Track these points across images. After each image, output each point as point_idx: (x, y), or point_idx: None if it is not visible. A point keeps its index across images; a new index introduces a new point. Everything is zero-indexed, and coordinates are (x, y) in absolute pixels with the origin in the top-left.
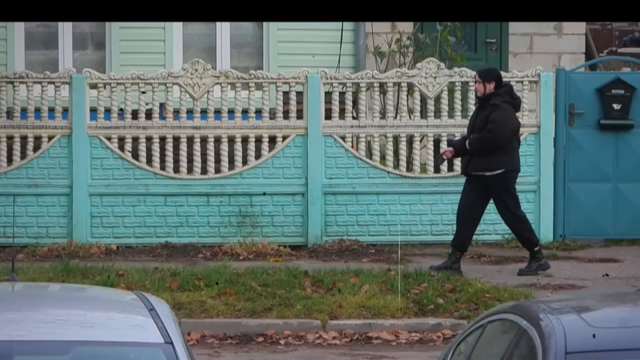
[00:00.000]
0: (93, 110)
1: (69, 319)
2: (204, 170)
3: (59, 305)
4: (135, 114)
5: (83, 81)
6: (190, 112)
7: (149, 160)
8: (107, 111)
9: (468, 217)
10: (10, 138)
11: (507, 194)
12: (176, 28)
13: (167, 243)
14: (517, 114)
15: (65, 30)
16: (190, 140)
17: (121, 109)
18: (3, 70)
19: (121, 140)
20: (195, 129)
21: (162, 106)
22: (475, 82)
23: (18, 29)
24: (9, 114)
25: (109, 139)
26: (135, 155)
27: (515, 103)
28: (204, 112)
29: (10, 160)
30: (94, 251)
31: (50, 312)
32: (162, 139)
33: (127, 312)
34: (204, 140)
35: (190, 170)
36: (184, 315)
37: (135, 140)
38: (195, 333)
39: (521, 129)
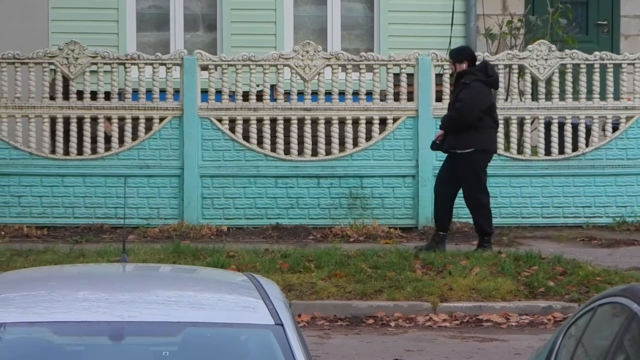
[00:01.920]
0: (204, 92)
1: (179, 300)
2: (315, 152)
3: (170, 286)
4: (246, 96)
5: (194, 63)
6: (300, 94)
7: (260, 142)
8: (218, 93)
9: (444, 194)
10: (121, 119)
11: (473, 175)
12: (287, 9)
13: (277, 224)
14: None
15: (177, 11)
16: (301, 121)
17: (232, 91)
18: (115, 51)
19: (232, 121)
20: (306, 111)
21: (272, 88)
22: (449, 62)
23: (129, 11)
24: (121, 95)
25: (220, 120)
26: (246, 137)
27: (490, 81)
28: (314, 93)
29: (121, 141)
30: (204, 232)
31: (160, 293)
32: (273, 121)
33: (238, 293)
34: (314, 122)
35: (300, 152)
36: (294, 296)
37: (246, 121)
38: (305, 315)
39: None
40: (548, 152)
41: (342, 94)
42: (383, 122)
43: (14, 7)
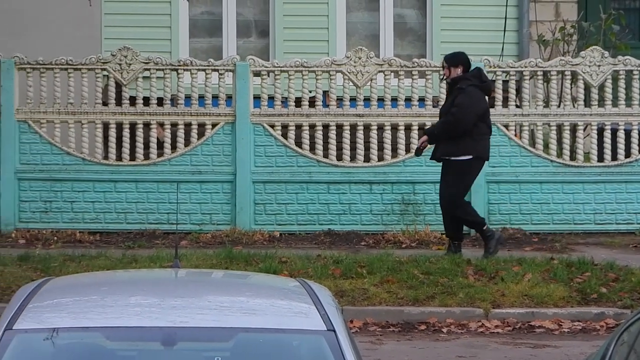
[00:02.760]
0: (256, 98)
1: (231, 306)
2: (367, 158)
3: (222, 291)
4: (298, 102)
5: (247, 69)
6: (353, 100)
7: (312, 148)
8: (271, 99)
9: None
10: (174, 125)
11: (462, 183)
12: (339, 16)
13: (329, 230)
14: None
15: (230, 17)
16: (353, 128)
17: (284, 97)
18: (167, 57)
19: (284, 127)
20: (358, 117)
21: (325, 94)
22: (442, 67)
23: (182, 17)
24: (173, 101)
25: (272, 126)
26: (299, 143)
27: (484, 86)
28: (366, 99)
29: (174, 147)
30: (257, 238)
31: (213, 299)
32: (325, 127)
33: (290, 299)
34: (366, 128)
35: (353, 158)
36: (346, 302)
37: (299, 127)
38: (357, 320)
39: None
40: (601, 158)
41: (394, 100)
42: None
43: (67, 13)
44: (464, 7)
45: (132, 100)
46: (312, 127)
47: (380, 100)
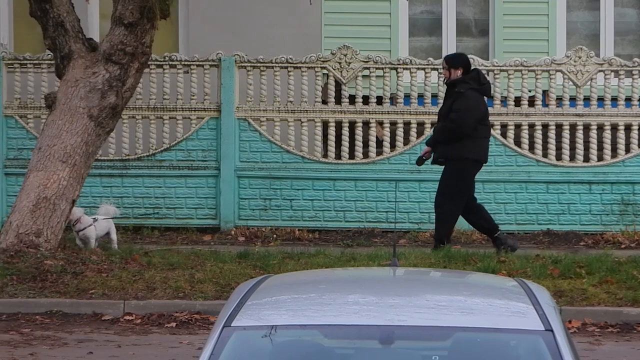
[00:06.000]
0: None
1: (449, 305)
2: (586, 158)
3: (440, 290)
4: (517, 101)
5: None
6: (572, 100)
7: (531, 148)
8: (490, 98)
9: (469, 207)
10: (393, 124)
11: (457, 185)
12: (559, 15)
13: (548, 230)
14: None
15: (449, 16)
16: (573, 127)
17: (503, 96)
18: (387, 56)
19: (503, 127)
20: (578, 117)
21: (544, 93)
22: (442, 68)
23: (402, 16)
24: (392, 99)
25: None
26: (517, 142)
27: (483, 89)
28: (586, 99)
29: (393, 145)
30: (475, 237)
31: (430, 298)
32: (544, 126)
33: (508, 298)
34: (586, 128)
35: (572, 157)
36: (564, 302)
37: (517, 127)
38: (575, 321)
39: None
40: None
41: (614, 99)
42: None
43: (287, 12)
44: None
45: (351, 99)
46: (532, 126)
47: (600, 99)
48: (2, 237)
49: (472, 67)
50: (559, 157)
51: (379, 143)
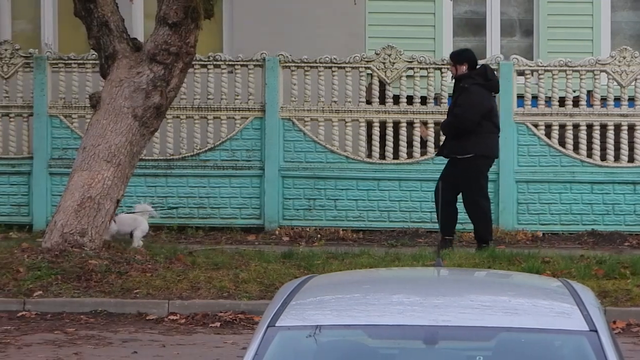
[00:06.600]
0: (519, 97)
1: (493, 305)
2: (631, 158)
3: (484, 291)
4: (561, 101)
5: (510, 68)
6: (617, 100)
7: (575, 148)
8: (534, 98)
9: (443, 199)
10: (437, 124)
11: (473, 181)
12: (604, 15)
13: (593, 230)
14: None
15: (494, 16)
16: (617, 128)
17: (547, 96)
18: (431, 56)
19: (547, 127)
20: (622, 117)
21: (589, 93)
22: (449, 64)
23: (446, 16)
24: (437, 99)
25: (535, 125)
26: (561, 143)
27: (490, 85)
28: (630, 99)
29: (437, 145)
30: (519, 238)
31: (475, 298)
32: (589, 127)
33: (552, 299)
34: (630, 128)
35: (616, 158)
36: (609, 303)
37: (562, 127)
38: (620, 321)
39: None
40: None
41: None
42: None
43: (331, 12)
44: None
45: (396, 99)
46: (576, 126)
47: None
48: (47, 236)
49: (481, 64)
50: (603, 157)
51: (423, 143)
